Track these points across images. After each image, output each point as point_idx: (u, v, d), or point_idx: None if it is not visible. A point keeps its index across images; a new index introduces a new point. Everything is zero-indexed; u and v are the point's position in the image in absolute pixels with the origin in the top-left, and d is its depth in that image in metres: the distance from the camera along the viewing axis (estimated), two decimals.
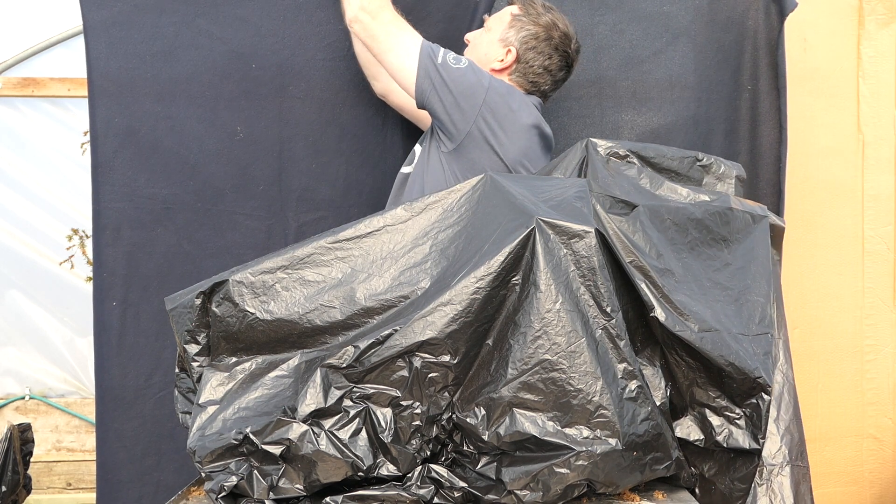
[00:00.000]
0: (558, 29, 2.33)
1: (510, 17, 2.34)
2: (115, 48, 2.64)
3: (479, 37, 2.40)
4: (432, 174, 2.20)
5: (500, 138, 2.15)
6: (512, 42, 2.31)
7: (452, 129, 2.15)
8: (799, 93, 2.74)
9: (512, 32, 2.32)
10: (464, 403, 1.52)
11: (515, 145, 2.18)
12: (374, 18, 2.20)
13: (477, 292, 1.50)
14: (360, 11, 2.20)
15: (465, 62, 2.19)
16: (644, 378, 1.55)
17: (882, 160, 2.93)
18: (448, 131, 2.16)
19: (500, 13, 2.39)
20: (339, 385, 1.50)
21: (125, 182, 2.65)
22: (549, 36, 2.32)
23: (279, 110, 2.69)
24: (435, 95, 2.14)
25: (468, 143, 2.15)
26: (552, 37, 2.32)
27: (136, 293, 2.66)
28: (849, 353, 2.96)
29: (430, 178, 2.20)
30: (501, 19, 2.36)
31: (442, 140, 2.19)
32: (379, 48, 2.22)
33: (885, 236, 2.93)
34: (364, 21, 2.21)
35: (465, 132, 2.15)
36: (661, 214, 1.73)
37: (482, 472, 1.50)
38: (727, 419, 1.64)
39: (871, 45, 2.89)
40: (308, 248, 1.64)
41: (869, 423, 2.97)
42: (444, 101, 2.14)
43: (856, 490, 2.98)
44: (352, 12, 2.23)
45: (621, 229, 1.65)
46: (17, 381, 3.46)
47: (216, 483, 1.50)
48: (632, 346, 1.55)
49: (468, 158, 2.16)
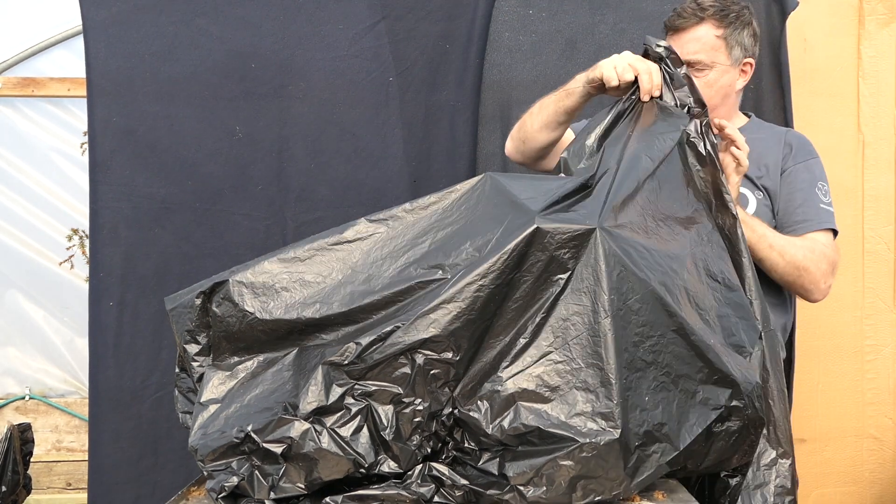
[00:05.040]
0: (748, 9, 2.26)
1: (717, 40, 2.20)
2: (115, 48, 2.64)
3: (702, 83, 2.14)
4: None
5: None
6: (748, 54, 2.25)
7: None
8: (799, 93, 2.74)
9: (738, 50, 2.22)
10: (465, 398, 1.52)
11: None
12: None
13: (480, 290, 1.50)
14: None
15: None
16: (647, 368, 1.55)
17: (882, 160, 2.93)
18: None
19: (701, 43, 2.20)
20: (341, 382, 1.50)
21: (123, 181, 2.64)
22: (750, 20, 2.26)
23: (278, 110, 2.69)
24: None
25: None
26: (751, 21, 2.26)
27: (134, 293, 2.66)
28: (849, 353, 2.96)
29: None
30: (709, 46, 2.20)
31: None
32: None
33: (886, 236, 2.94)
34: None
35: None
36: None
37: (484, 469, 1.50)
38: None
39: (871, 44, 2.89)
40: (308, 248, 1.64)
41: (869, 423, 2.97)
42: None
43: (856, 490, 2.98)
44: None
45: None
46: (17, 381, 3.46)
47: (217, 482, 1.50)
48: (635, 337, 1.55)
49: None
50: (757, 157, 2.18)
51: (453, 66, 2.71)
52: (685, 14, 2.21)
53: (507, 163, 2.49)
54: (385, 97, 2.70)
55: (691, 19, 2.20)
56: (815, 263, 2.15)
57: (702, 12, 2.20)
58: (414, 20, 2.45)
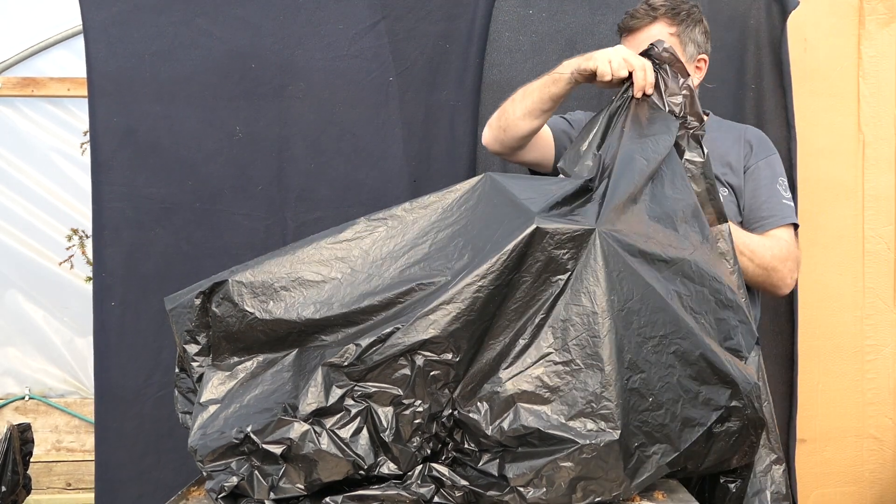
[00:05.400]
0: (697, 7, 2.30)
1: (671, 38, 2.22)
2: (115, 48, 2.64)
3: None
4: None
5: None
6: (701, 51, 2.27)
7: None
8: (799, 92, 2.74)
9: (691, 46, 2.26)
10: (465, 399, 1.52)
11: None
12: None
13: (479, 291, 1.50)
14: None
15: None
16: (647, 369, 1.55)
17: (882, 160, 2.93)
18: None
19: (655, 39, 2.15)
20: (341, 384, 1.49)
21: (124, 182, 2.65)
22: (700, 18, 2.30)
23: (278, 110, 2.69)
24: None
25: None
26: (702, 19, 2.30)
27: (135, 293, 2.66)
28: (849, 353, 2.96)
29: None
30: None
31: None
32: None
33: (886, 236, 2.93)
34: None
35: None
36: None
37: (484, 470, 1.50)
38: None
39: (871, 44, 2.89)
40: (308, 248, 1.64)
41: (869, 423, 2.97)
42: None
43: (856, 490, 2.98)
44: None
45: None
46: (17, 381, 3.46)
47: (217, 483, 1.50)
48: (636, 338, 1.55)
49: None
50: (719, 156, 2.23)
51: (453, 66, 2.70)
52: (638, 15, 2.27)
53: (506, 163, 2.49)
54: (385, 97, 2.69)
55: (645, 19, 2.25)
56: (783, 262, 2.22)
57: (654, 12, 2.25)
58: (414, 20, 2.45)
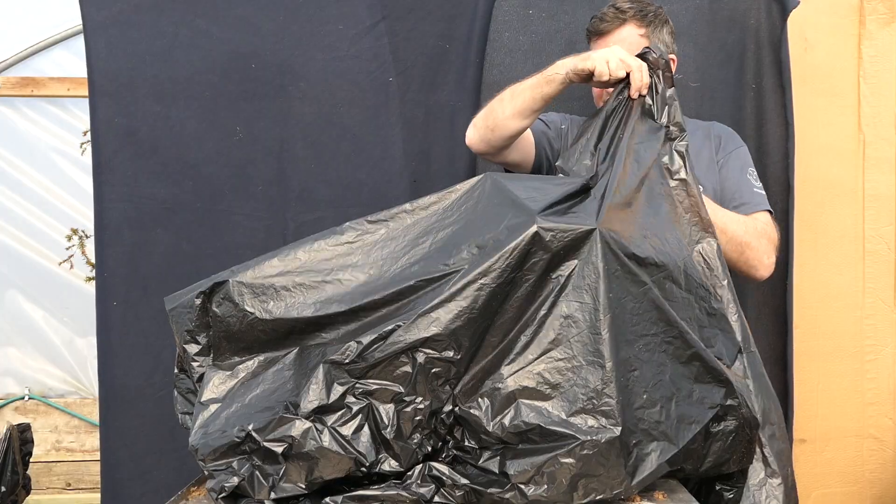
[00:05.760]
0: (662, 9, 2.31)
1: (641, 38, 2.23)
2: (115, 48, 2.64)
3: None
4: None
5: None
6: (669, 51, 2.26)
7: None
8: (799, 92, 2.74)
9: (661, 47, 2.19)
10: (466, 396, 1.52)
11: None
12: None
13: (481, 289, 1.50)
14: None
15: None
16: (643, 367, 1.55)
17: (882, 160, 2.93)
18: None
19: (626, 43, 2.18)
20: (342, 381, 1.49)
21: (125, 182, 2.65)
22: (667, 19, 2.31)
23: (278, 110, 2.69)
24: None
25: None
26: (668, 20, 2.32)
27: (137, 293, 2.66)
28: (849, 353, 2.96)
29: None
30: (635, 46, 2.16)
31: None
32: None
33: (886, 236, 2.93)
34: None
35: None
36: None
37: (484, 467, 1.50)
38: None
39: (871, 44, 2.89)
40: (308, 248, 1.64)
41: (869, 424, 2.97)
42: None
43: (856, 490, 2.98)
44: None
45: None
46: (17, 381, 3.46)
47: (217, 482, 1.50)
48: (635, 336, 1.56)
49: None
50: (693, 154, 2.21)
51: (453, 66, 2.70)
52: (607, 18, 2.27)
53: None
54: (385, 97, 2.69)
55: (614, 22, 2.26)
56: (757, 238, 2.17)
57: (623, 14, 2.26)
58: (414, 20, 2.44)
